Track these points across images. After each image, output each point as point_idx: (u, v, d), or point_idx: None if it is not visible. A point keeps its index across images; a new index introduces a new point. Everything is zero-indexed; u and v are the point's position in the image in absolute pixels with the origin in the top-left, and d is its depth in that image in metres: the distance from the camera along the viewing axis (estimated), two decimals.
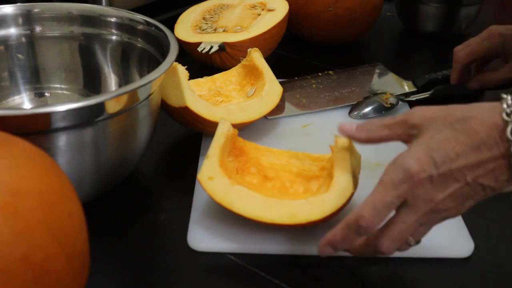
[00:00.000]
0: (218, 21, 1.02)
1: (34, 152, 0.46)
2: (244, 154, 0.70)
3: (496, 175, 0.51)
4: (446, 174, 0.51)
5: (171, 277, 0.60)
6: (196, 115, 0.75)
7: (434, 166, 0.51)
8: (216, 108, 0.76)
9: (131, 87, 0.60)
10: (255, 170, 0.68)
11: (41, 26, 0.79)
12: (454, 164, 0.51)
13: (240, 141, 0.70)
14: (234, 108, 0.78)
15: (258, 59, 0.85)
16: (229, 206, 0.62)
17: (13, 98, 0.79)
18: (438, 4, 1.15)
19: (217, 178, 0.63)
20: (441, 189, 0.52)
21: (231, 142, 0.69)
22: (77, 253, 0.45)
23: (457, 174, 0.51)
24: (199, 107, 0.75)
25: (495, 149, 0.51)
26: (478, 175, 0.51)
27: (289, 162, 0.69)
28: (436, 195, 0.52)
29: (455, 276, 0.61)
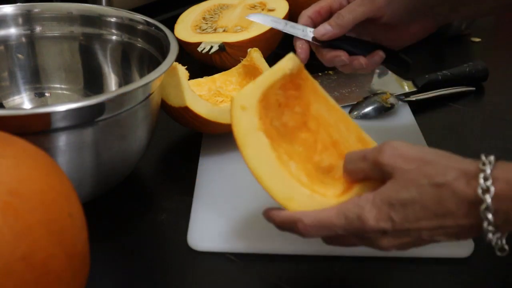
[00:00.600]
0: (218, 21, 1.02)
1: (34, 152, 0.46)
2: (298, 89, 0.63)
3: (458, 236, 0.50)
4: (401, 231, 0.50)
5: (171, 277, 0.60)
6: (196, 115, 0.74)
7: (391, 224, 0.50)
8: (216, 108, 0.76)
9: (131, 87, 0.60)
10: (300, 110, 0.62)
11: (41, 26, 0.79)
12: (412, 226, 0.50)
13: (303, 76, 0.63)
14: None
15: (258, 59, 0.85)
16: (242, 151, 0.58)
17: (13, 98, 0.79)
18: None
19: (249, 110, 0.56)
20: (393, 239, 0.51)
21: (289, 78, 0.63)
22: (77, 253, 0.45)
23: (412, 232, 0.50)
24: (199, 107, 0.75)
25: (463, 220, 0.48)
26: (435, 234, 0.50)
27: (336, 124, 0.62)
28: (385, 243, 0.52)
29: (455, 276, 0.61)
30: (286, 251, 0.63)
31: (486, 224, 0.47)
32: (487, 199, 0.46)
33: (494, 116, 0.92)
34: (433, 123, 0.88)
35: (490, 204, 0.46)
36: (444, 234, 0.50)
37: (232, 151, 0.78)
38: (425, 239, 0.51)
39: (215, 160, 0.76)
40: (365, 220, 0.51)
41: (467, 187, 0.47)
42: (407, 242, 0.52)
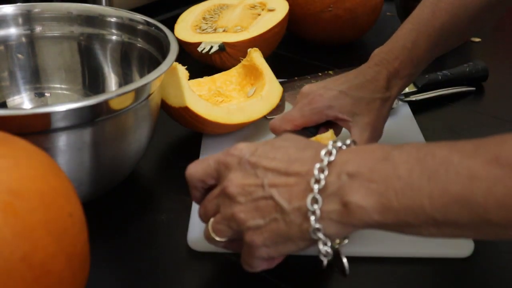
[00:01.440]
0: (218, 21, 1.02)
1: (34, 152, 0.46)
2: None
3: (291, 195, 0.49)
4: (252, 164, 0.51)
5: (171, 277, 0.60)
6: (196, 115, 0.74)
7: (250, 153, 0.52)
8: (216, 108, 0.76)
9: (131, 87, 0.60)
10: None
11: (41, 26, 0.79)
12: (264, 162, 0.51)
13: None
14: (234, 108, 0.78)
15: (258, 59, 0.85)
16: None
17: (13, 98, 0.79)
18: None
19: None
20: (240, 175, 0.51)
21: None
22: (77, 253, 0.45)
23: (260, 171, 0.51)
24: (199, 107, 0.75)
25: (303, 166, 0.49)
26: (275, 183, 0.50)
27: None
28: (234, 177, 0.52)
29: (455, 276, 0.61)
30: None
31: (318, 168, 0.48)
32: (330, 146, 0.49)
33: (494, 116, 0.92)
34: (433, 123, 0.88)
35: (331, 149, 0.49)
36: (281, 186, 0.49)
37: None
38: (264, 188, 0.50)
39: None
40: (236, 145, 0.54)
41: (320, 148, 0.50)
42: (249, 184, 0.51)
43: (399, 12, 1.23)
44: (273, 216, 0.50)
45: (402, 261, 0.62)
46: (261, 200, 0.50)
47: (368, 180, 0.46)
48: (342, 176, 0.47)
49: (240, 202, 0.51)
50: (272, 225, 0.50)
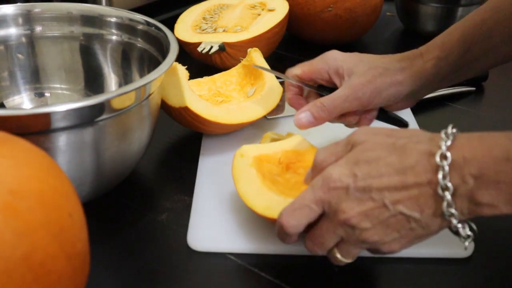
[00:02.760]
0: (218, 21, 1.02)
1: (34, 152, 0.46)
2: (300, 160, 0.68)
3: (420, 205, 0.49)
4: (363, 189, 0.50)
5: (171, 277, 0.60)
6: (196, 115, 0.75)
7: (353, 179, 0.50)
8: (216, 108, 0.76)
9: (131, 87, 0.60)
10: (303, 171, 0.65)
11: (41, 26, 0.79)
12: (374, 183, 0.50)
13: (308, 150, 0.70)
14: (234, 108, 0.78)
15: (258, 59, 0.85)
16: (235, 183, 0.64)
17: (13, 98, 0.79)
18: (438, 4, 1.15)
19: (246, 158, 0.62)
20: (355, 203, 0.50)
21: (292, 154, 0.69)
22: (77, 253, 0.45)
23: (374, 193, 0.50)
24: (199, 107, 0.75)
25: (421, 176, 0.49)
26: (398, 199, 0.49)
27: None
28: (349, 208, 0.50)
29: (455, 276, 0.61)
30: (286, 251, 0.63)
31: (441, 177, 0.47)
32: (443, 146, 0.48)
33: (494, 116, 0.92)
34: (433, 123, 0.88)
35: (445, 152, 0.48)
36: (407, 201, 0.49)
37: (232, 151, 0.78)
38: (389, 209, 0.49)
39: (215, 160, 0.76)
40: (328, 177, 0.51)
41: (430, 142, 0.49)
42: (371, 209, 0.50)
43: (399, 12, 1.23)
44: (408, 227, 0.50)
45: (402, 261, 0.62)
46: (390, 219, 0.50)
47: (495, 182, 0.47)
48: (467, 179, 0.47)
49: (367, 228, 0.50)
50: (409, 233, 0.51)
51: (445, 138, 0.49)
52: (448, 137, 0.49)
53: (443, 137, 0.49)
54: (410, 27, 1.22)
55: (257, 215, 0.62)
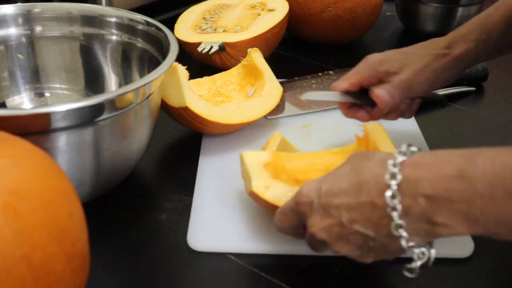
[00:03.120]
0: (218, 21, 1.02)
1: (34, 152, 0.46)
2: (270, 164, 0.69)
3: (374, 224, 0.49)
4: (324, 206, 0.51)
5: (171, 277, 0.60)
6: (196, 115, 0.74)
7: (318, 195, 0.52)
8: (216, 108, 0.76)
9: (131, 87, 0.60)
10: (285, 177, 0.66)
11: (41, 26, 0.79)
12: (333, 200, 0.51)
13: None
14: (234, 108, 0.78)
15: (258, 59, 0.85)
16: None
17: (13, 98, 0.79)
18: (438, 4, 1.15)
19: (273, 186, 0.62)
20: (318, 219, 0.52)
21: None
22: (77, 253, 0.45)
23: (333, 209, 0.51)
24: (199, 107, 0.75)
25: (373, 195, 0.48)
26: (353, 218, 0.49)
27: (312, 162, 0.69)
28: (314, 222, 0.52)
29: (455, 276, 0.61)
30: (286, 251, 0.63)
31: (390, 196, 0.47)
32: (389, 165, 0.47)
33: (494, 116, 0.92)
34: (433, 123, 0.88)
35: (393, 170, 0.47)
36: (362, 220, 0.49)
37: (232, 151, 0.78)
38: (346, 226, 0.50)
39: (215, 160, 0.76)
40: (300, 191, 0.54)
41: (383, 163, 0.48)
42: (331, 225, 0.51)
43: (399, 12, 1.23)
44: (367, 245, 0.50)
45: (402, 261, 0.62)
46: (349, 236, 0.51)
47: (448, 201, 0.45)
48: (419, 199, 0.46)
49: (332, 243, 0.52)
50: (371, 250, 0.51)
51: (397, 156, 0.48)
52: (402, 155, 0.48)
53: (395, 155, 0.48)
54: (410, 27, 1.22)
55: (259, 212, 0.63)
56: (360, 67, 0.72)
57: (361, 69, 0.72)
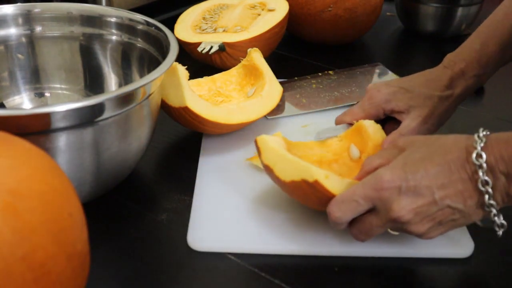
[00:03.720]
0: (218, 21, 1.02)
1: (34, 152, 0.46)
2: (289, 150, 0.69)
3: (465, 198, 0.54)
4: (415, 187, 0.54)
5: (171, 277, 0.60)
6: (196, 115, 0.74)
7: (405, 179, 0.54)
8: (216, 108, 0.76)
9: (131, 87, 0.60)
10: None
11: (41, 26, 0.79)
12: (423, 181, 0.54)
13: None
14: (234, 108, 0.78)
15: (258, 59, 0.85)
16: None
17: (13, 98, 0.79)
18: (438, 4, 1.15)
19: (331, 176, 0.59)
20: (407, 202, 0.54)
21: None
22: (77, 253, 0.45)
23: (425, 190, 0.54)
24: (199, 107, 0.75)
25: (463, 171, 0.53)
26: (446, 194, 0.54)
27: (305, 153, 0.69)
28: (401, 206, 0.54)
29: (455, 276, 0.61)
30: (286, 251, 0.63)
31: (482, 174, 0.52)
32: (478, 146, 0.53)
33: (494, 116, 0.92)
34: None
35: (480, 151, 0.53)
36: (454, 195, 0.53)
37: (232, 151, 0.78)
38: (438, 203, 0.54)
39: (215, 160, 0.76)
40: (380, 177, 0.55)
41: (467, 140, 0.54)
42: (422, 205, 0.54)
43: (399, 12, 1.23)
44: (451, 218, 0.55)
45: (402, 261, 0.62)
46: (437, 212, 0.55)
47: None
48: (499, 176, 0.52)
49: (416, 222, 0.55)
50: (451, 223, 0.56)
51: (478, 140, 0.54)
52: (481, 139, 0.53)
53: (476, 139, 0.54)
54: (410, 27, 1.22)
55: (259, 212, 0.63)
56: (365, 105, 0.75)
57: (366, 106, 0.74)
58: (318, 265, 0.62)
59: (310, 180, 0.58)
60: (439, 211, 0.54)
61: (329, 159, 0.70)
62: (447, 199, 0.54)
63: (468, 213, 0.55)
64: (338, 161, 0.70)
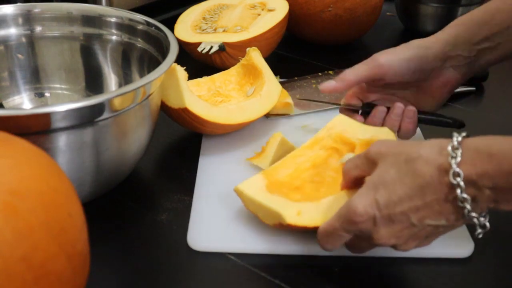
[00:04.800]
0: (218, 21, 1.02)
1: (34, 152, 0.46)
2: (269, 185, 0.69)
3: (446, 215, 0.52)
4: (388, 216, 0.53)
5: (171, 277, 0.60)
6: (195, 116, 0.74)
7: (377, 208, 0.53)
8: (215, 108, 0.76)
9: (131, 87, 0.60)
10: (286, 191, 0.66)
11: (41, 26, 0.79)
12: (396, 208, 0.52)
13: None
14: (234, 108, 0.78)
15: (257, 58, 0.85)
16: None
17: (13, 98, 0.79)
18: (438, 4, 1.15)
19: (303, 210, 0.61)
20: (385, 230, 0.53)
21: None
22: (77, 253, 0.45)
23: (399, 216, 0.52)
24: (199, 108, 0.75)
25: (439, 192, 0.51)
26: (423, 216, 0.52)
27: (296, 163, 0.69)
28: (380, 235, 0.54)
29: (455, 276, 0.61)
30: (285, 251, 0.63)
31: (460, 192, 0.50)
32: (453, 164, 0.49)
33: (494, 116, 0.92)
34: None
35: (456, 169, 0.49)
36: (432, 216, 0.52)
37: (232, 151, 0.78)
38: (417, 225, 0.53)
39: (215, 160, 0.76)
40: (353, 209, 0.54)
41: (439, 156, 0.51)
42: (400, 230, 0.53)
43: (399, 12, 1.23)
44: (435, 232, 0.54)
45: (402, 261, 0.62)
46: (420, 232, 0.54)
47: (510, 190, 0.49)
48: (483, 190, 0.49)
49: (401, 244, 0.55)
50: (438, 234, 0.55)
51: (452, 154, 0.50)
52: (455, 152, 0.50)
53: (450, 152, 0.50)
54: (410, 27, 1.22)
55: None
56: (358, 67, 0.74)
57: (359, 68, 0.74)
58: (318, 265, 0.62)
59: (284, 223, 0.60)
60: (421, 230, 0.53)
61: (322, 157, 0.69)
62: (426, 219, 0.52)
63: (452, 225, 0.53)
64: (332, 155, 0.70)
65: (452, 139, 0.51)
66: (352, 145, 0.69)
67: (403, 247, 0.55)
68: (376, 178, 0.54)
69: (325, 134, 0.71)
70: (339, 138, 0.70)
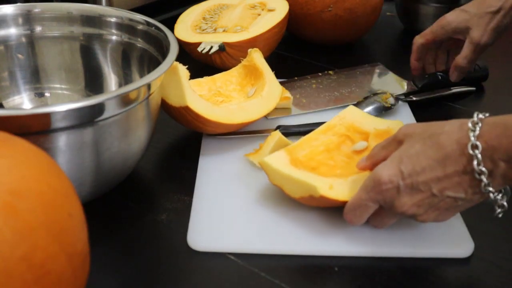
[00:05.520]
0: (218, 21, 1.02)
1: (34, 152, 0.46)
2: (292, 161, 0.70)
3: (464, 187, 0.55)
4: (411, 185, 0.57)
5: (171, 277, 0.60)
6: (197, 114, 0.74)
7: (401, 177, 0.57)
8: (216, 108, 0.76)
9: (131, 87, 0.60)
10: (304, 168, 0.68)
11: (41, 26, 0.79)
12: (419, 177, 0.56)
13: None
14: (235, 108, 0.78)
15: (258, 60, 0.85)
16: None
17: (13, 98, 0.79)
18: (438, 4, 1.15)
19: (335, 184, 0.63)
20: (407, 198, 0.57)
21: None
22: (77, 253, 0.45)
23: (422, 185, 0.56)
24: (200, 107, 0.75)
25: (458, 164, 0.55)
26: (444, 187, 0.56)
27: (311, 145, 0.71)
28: (403, 203, 0.57)
29: (455, 276, 0.61)
30: (286, 251, 0.63)
31: (476, 164, 0.53)
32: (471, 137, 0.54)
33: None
34: None
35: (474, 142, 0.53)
36: (452, 187, 0.55)
37: (232, 151, 0.78)
38: (438, 196, 0.56)
39: (215, 160, 0.76)
40: (378, 177, 0.58)
41: (460, 131, 0.55)
42: (422, 199, 0.57)
43: (399, 12, 1.23)
44: (455, 205, 0.57)
45: (402, 261, 0.62)
46: (440, 203, 0.57)
47: None
48: (498, 163, 0.53)
49: (421, 213, 0.58)
50: (456, 208, 0.58)
51: (472, 128, 0.54)
52: (475, 126, 0.54)
53: (470, 126, 0.54)
54: (410, 27, 1.22)
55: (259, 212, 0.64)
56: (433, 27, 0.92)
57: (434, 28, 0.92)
58: (318, 265, 0.62)
59: (316, 196, 0.62)
60: (441, 201, 0.57)
61: (335, 143, 0.72)
62: (446, 191, 0.56)
63: (470, 199, 0.56)
64: (345, 142, 0.72)
65: (473, 116, 0.55)
66: (366, 134, 0.72)
67: (423, 217, 0.58)
68: (402, 152, 0.58)
69: (337, 122, 0.74)
70: (352, 127, 0.73)
